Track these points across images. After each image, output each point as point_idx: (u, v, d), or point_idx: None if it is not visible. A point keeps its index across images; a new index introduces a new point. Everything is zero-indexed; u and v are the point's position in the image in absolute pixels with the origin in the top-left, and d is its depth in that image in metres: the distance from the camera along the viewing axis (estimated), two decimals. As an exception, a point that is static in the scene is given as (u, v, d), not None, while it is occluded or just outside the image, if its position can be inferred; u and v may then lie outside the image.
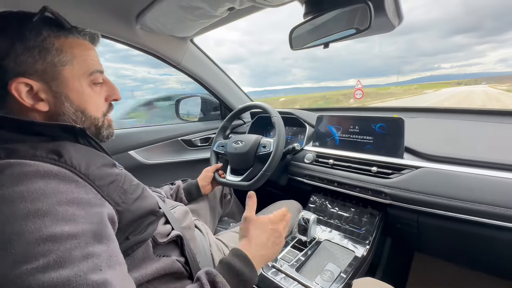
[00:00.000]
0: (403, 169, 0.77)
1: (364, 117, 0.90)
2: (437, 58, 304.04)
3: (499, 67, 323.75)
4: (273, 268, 0.71)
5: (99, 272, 0.32)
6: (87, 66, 0.47)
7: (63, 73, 0.44)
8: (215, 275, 0.44)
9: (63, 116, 0.45)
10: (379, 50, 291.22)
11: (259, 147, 0.95)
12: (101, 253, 0.34)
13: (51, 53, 0.43)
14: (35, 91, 0.42)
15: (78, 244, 0.32)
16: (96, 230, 0.36)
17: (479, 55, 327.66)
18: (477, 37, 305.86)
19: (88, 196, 0.38)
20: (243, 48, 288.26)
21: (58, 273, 0.29)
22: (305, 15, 0.73)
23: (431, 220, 0.74)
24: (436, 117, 1.05)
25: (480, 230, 0.66)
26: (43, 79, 0.43)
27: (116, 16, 0.88)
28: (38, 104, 0.43)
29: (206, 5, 0.73)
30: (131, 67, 35.14)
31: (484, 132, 0.87)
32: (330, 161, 0.93)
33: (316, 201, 0.97)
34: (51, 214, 0.33)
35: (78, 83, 0.46)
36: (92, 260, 0.33)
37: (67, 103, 0.45)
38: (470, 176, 0.68)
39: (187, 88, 1.64)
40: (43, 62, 0.42)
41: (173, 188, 0.92)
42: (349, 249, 0.77)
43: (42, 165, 0.36)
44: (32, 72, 0.42)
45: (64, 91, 0.45)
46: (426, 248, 0.93)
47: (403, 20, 0.68)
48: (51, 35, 0.43)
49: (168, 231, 0.57)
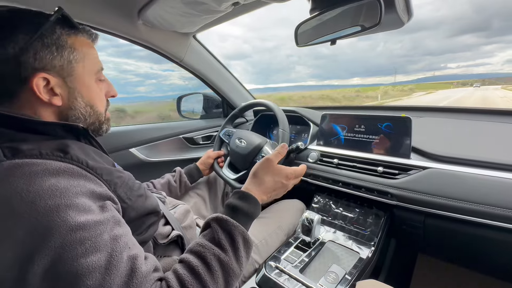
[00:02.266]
0: (410, 169, 0.76)
1: (370, 116, 0.89)
2: (444, 57, 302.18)
3: (506, 67, 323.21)
4: (277, 269, 0.70)
5: (129, 249, 0.38)
6: (95, 64, 0.50)
7: (77, 69, 0.47)
8: (226, 220, 0.46)
9: (74, 110, 0.47)
10: (385, 48, 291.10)
11: (259, 154, 0.93)
12: (125, 233, 0.39)
13: (66, 50, 0.45)
14: (51, 85, 0.43)
15: (104, 229, 0.36)
16: (114, 215, 0.40)
17: (486, 55, 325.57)
18: (484, 36, 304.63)
19: (99, 188, 0.40)
20: (247, 44, 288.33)
21: (96, 256, 0.34)
22: (311, 11, 0.71)
23: (438, 221, 0.72)
24: (444, 116, 1.03)
25: (486, 232, 0.65)
26: (60, 74, 0.44)
27: (118, 11, 0.86)
28: (53, 98, 0.44)
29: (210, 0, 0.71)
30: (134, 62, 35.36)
31: (494, 132, 0.85)
32: (334, 161, 0.92)
33: (320, 201, 0.96)
34: (72, 206, 0.35)
35: (88, 80, 0.49)
36: (121, 240, 0.37)
37: (79, 98, 0.47)
38: (479, 177, 0.66)
39: (190, 84, 1.62)
40: (61, 58, 0.44)
41: (175, 175, 0.95)
42: (354, 251, 0.75)
43: (50, 163, 0.37)
44: (50, 67, 0.43)
45: (78, 86, 0.47)
46: (431, 249, 0.91)
47: (413, 16, 0.66)
48: (63, 34, 0.45)
49: (168, 232, 0.56)
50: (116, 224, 0.39)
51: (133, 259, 0.37)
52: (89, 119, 0.50)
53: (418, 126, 0.81)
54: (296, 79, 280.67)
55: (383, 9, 0.56)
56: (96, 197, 0.39)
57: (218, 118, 1.52)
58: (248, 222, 0.50)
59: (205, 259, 0.41)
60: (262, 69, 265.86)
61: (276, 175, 0.58)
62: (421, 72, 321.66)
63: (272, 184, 0.57)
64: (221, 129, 1.11)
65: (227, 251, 0.43)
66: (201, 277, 0.39)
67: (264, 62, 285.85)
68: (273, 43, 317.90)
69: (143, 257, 0.39)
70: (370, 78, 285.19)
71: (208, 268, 0.41)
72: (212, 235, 0.45)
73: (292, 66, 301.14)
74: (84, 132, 0.48)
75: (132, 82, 56.02)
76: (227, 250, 0.43)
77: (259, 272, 0.69)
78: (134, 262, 0.37)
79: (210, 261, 0.41)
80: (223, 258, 0.42)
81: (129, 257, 0.37)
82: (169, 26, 0.95)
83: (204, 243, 0.44)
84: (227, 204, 0.51)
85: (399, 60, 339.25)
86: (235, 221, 0.46)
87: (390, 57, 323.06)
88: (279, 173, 0.58)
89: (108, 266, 0.34)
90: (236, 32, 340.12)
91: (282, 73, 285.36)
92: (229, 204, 0.51)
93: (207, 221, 0.48)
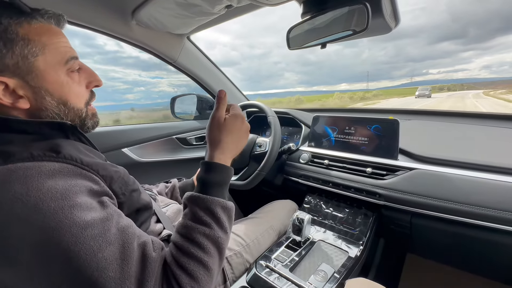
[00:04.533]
0: (397, 170, 0.78)
1: (360, 118, 0.91)
2: (425, 64, 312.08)
3: (483, 73, 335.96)
4: (267, 268, 0.70)
5: (137, 238, 0.39)
6: (61, 54, 0.43)
7: (37, 64, 0.40)
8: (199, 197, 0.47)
9: (45, 111, 0.43)
10: (369, 54, 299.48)
11: (255, 146, 0.95)
12: (130, 224, 0.41)
13: (17, 44, 0.39)
14: (11, 88, 0.39)
15: (111, 223, 0.37)
16: (115, 209, 0.41)
17: (464, 61, 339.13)
18: (462, 44, 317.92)
19: (95, 186, 0.40)
20: (235, 51, 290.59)
21: (111, 249, 0.35)
22: (303, 15, 0.73)
23: (423, 221, 0.74)
24: (431, 119, 1.06)
25: (472, 232, 0.67)
26: (17, 74, 0.39)
27: (112, 11, 0.86)
28: (18, 102, 0.40)
29: (203, 2, 0.72)
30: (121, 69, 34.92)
31: (478, 135, 0.88)
32: (325, 162, 0.93)
33: (311, 201, 0.97)
34: (76, 206, 0.35)
35: (55, 74, 0.42)
36: (128, 231, 0.39)
37: (48, 97, 0.42)
38: (463, 178, 0.69)
39: (179, 91, 1.62)
40: (12, 56, 0.38)
41: (169, 187, 0.91)
42: (343, 250, 0.77)
43: (44, 165, 0.36)
44: (3, 68, 0.38)
45: (43, 84, 0.41)
46: (419, 249, 0.93)
47: (400, 22, 0.69)
48: (11, 23, 0.38)
49: (159, 230, 0.56)
50: (120, 217, 0.40)
51: (143, 246, 0.39)
52: (65, 118, 0.45)
53: (405, 129, 0.83)
54: (285, 86, 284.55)
55: (370, 14, 0.58)
56: (94, 194, 0.39)
57: (212, 119, 1.52)
58: (222, 190, 0.51)
59: (193, 239, 0.44)
60: (251, 76, 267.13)
61: (230, 127, 0.55)
62: (404, 78, 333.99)
63: (231, 138, 0.55)
64: None
65: (210, 225, 0.46)
66: (194, 255, 0.42)
67: (253, 69, 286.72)
68: (261, 50, 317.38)
69: (150, 243, 0.41)
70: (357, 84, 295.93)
71: (198, 245, 0.43)
72: (192, 214, 0.47)
73: (280, 73, 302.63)
74: (72, 129, 0.45)
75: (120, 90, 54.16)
76: (210, 223, 0.46)
77: (250, 271, 0.70)
78: (144, 249, 0.39)
79: (198, 239, 0.44)
80: (208, 232, 0.45)
81: (139, 245, 0.39)
82: (162, 27, 0.95)
83: (187, 223, 0.46)
84: (197, 179, 0.51)
85: (384, 66, 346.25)
86: (208, 196, 0.48)
87: (375, 64, 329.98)
88: (231, 122, 0.55)
89: (123, 256, 0.36)
90: (224, 39, 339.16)
91: (271, 79, 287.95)
92: (199, 179, 0.51)
93: (183, 201, 0.50)
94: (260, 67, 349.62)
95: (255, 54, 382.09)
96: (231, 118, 0.56)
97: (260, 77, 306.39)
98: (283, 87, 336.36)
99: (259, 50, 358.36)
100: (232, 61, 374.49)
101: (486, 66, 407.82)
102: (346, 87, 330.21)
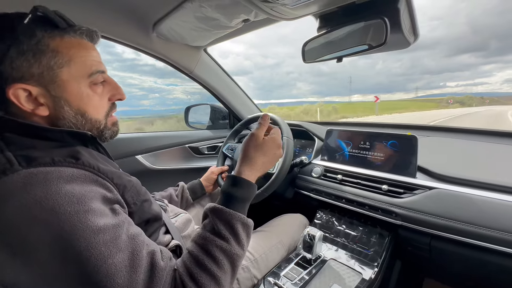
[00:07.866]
0: (416, 189, 0.74)
1: (376, 133, 0.88)
2: (443, 76, 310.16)
3: (505, 87, 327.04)
4: (276, 285, 0.68)
5: (146, 246, 0.40)
6: (86, 67, 0.45)
7: (61, 75, 0.42)
8: (221, 210, 0.48)
9: (63, 120, 0.44)
10: (384, 66, 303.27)
11: None
12: (139, 232, 0.41)
13: (46, 56, 0.41)
14: (34, 96, 0.41)
15: (122, 230, 0.38)
16: (126, 217, 0.42)
17: (485, 74, 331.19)
18: (483, 56, 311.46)
19: (109, 193, 0.41)
20: (248, 61, 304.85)
21: (120, 256, 0.36)
22: (319, 29, 0.73)
23: (444, 244, 0.70)
24: (451, 136, 1.01)
25: (497, 258, 0.62)
26: (41, 83, 0.41)
27: (134, 23, 0.90)
28: (38, 109, 0.42)
29: (221, 16, 0.75)
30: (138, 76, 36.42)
31: (503, 154, 0.83)
32: (338, 177, 0.91)
33: (322, 217, 0.94)
34: (90, 211, 0.36)
35: (76, 86, 0.44)
36: (138, 239, 0.40)
37: (66, 107, 0.44)
38: (487, 200, 0.64)
39: (192, 98, 1.65)
40: (39, 66, 0.40)
41: (178, 189, 0.93)
42: (356, 271, 0.73)
43: (63, 170, 0.37)
44: (28, 77, 0.40)
45: (63, 94, 0.43)
46: (438, 274, 0.87)
47: (419, 37, 0.67)
48: (45, 36, 0.41)
49: (168, 241, 0.56)
50: (130, 225, 0.41)
51: (152, 255, 0.40)
52: (82, 128, 0.46)
53: (424, 145, 0.80)
54: (298, 95, 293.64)
55: (388, 29, 0.58)
56: (107, 201, 0.40)
57: (224, 129, 1.54)
58: (244, 206, 0.51)
59: (209, 251, 0.44)
60: (264, 85, 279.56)
61: (266, 148, 0.57)
62: (421, 90, 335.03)
63: (263, 158, 0.56)
64: (223, 145, 1.12)
65: (228, 240, 0.45)
66: (207, 268, 0.42)
67: (266, 78, 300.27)
68: (274, 60, 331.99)
69: (159, 252, 0.42)
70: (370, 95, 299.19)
71: (214, 259, 0.43)
72: (212, 226, 0.46)
73: (293, 82, 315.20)
74: (92, 139, 0.48)
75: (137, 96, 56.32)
76: (228, 239, 0.45)
77: (258, 288, 0.67)
78: (153, 258, 0.40)
79: (214, 253, 0.43)
80: (225, 247, 0.44)
81: (148, 253, 0.39)
82: (181, 39, 0.99)
83: (205, 235, 0.46)
84: (222, 191, 0.52)
85: (399, 78, 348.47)
86: (231, 210, 0.47)
87: (390, 76, 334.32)
88: (268, 144, 0.57)
89: (132, 264, 0.37)
90: (238, 49, 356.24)
91: (284, 89, 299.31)
92: (224, 191, 0.51)
93: (205, 211, 0.50)
94: (272, 77, 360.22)
95: (268, 64, 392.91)
96: (269, 140, 0.58)
97: (272, 87, 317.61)
98: (295, 96, 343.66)
99: (272, 60, 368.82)
100: (245, 70, 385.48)
101: (508, 80, 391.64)
102: (359, 98, 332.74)
